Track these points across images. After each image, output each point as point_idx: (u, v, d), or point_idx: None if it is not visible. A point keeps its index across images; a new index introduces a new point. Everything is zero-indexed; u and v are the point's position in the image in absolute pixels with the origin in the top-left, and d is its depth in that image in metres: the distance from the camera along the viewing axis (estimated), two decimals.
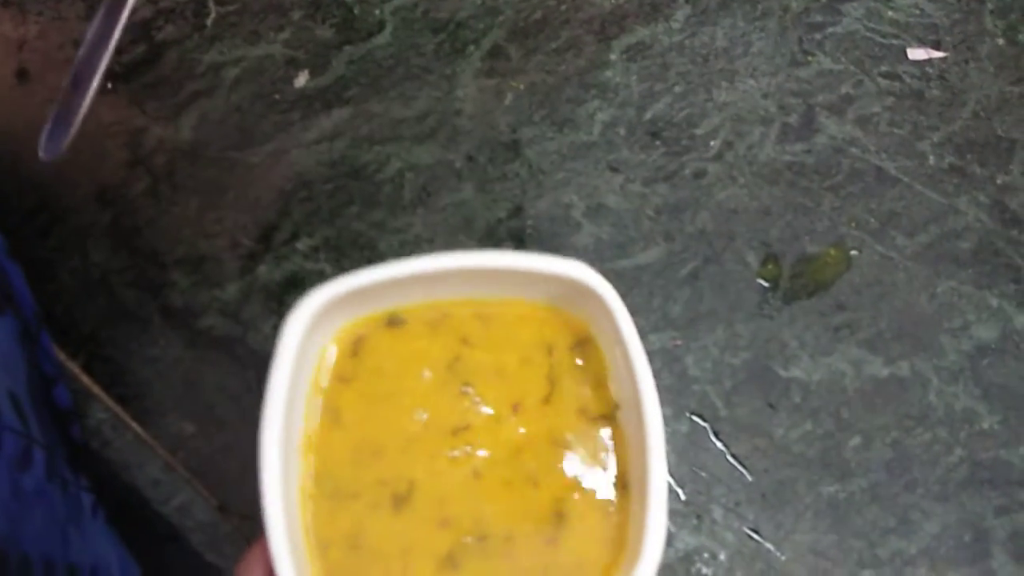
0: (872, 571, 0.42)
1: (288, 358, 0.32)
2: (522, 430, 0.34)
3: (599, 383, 0.35)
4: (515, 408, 0.35)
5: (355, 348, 0.35)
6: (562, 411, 0.35)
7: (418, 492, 0.33)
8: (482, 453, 0.34)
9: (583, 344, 0.35)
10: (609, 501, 0.33)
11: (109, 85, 0.53)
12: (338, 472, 0.33)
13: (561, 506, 0.33)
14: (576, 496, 0.33)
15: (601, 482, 0.34)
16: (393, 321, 0.36)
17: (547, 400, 0.35)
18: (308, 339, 0.33)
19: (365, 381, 0.35)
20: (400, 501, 0.33)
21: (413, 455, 0.34)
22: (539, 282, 0.35)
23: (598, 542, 0.33)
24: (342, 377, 0.35)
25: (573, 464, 0.34)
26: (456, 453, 0.34)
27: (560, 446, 0.34)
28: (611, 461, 0.34)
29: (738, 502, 0.43)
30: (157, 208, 0.49)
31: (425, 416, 0.35)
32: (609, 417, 0.34)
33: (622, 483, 0.33)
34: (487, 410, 0.35)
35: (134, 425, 0.43)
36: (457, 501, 0.33)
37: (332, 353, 0.35)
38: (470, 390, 0.35)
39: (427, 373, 0.35)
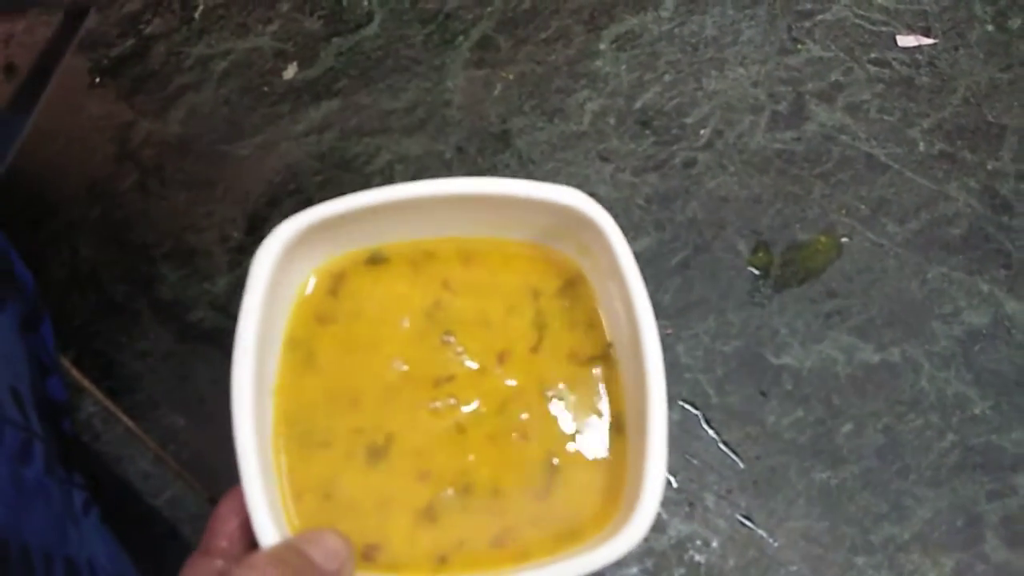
0: (865, 557, 0.42)
1: (259, 292, 0.30)
2: (510, 382, 0.33)
3: (590, 324, 0.33)
4: (501, 358, 0.33)
5: (335, 286, 0.34)
6: (552, 359, 0.33)
7: (396, 445, 0.32)
8: (467, 409, 0.33)
9: (572, 285, 0.34)
10: (603, 447, 0.32)
11: (97, 80, 0.52)
12: (310, 417, 0.32)
13: (551, 456, 0.32)
14: (569, 446, 0.32)
15: (596, 428, 0.32)
16: (375, 258, 0.35)
17: (535, 349, 0.33)
18: (283, 273, 0.31)
19: (343, 325, 0.33)
20: (376, 453, 0.32)
21: (392, 406, 0.32)
22: (528, 215, 0.33)
23: (590, 490, 0.31)
24: (320, 317, 0.33)
25: (565, 413, 0.32)
26: (438, 405, 0.33)
27: (551, 394, 0.33)
28: (605, 404, 0.32)
29: (730, 489, 0.43)
30: (146, 202, 0.49)
31: (405, 367, 0.33)
32: (602, 357, 0.33)
33: (617, 425, 0.32)
34: (471, 363, 0.33)
35: (124, 418, 0.43)
36: (438, 454, 0.32)
37: (311, 287, 0.33)
38: (452, 339, 0.34)
39: (406, 322, 0.34)
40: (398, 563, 0.30)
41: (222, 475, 0.42)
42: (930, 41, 0.55)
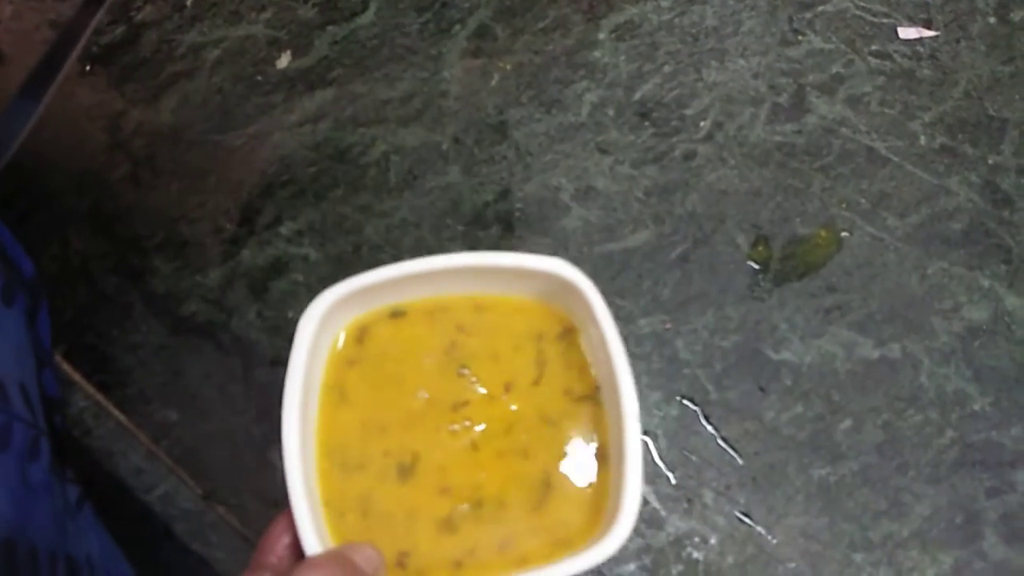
0: (864, 554, 0.41)
1: (303, 352, 0.36)
2: (514, 407, 0.38)
3: (582, 367, 0.38)
4: (507, 388, 0.38)
5: (360, 335, 0.39)
6: (550, 392, 0.38)
7: (421, 463, 0.37)
8: (479, 428, 0.37)
9: (568, 333, 0.39)
10: (590, 472, 0.36)
11: (88, 67, 0.51)
12: (347, 446, 0.37)
13: (548, 475, 0.37)
14: (561, 467, 0.37)
15: (584, 455, 0.37)
16: (395, 313, 0.40)
17: (536, 382, 0.38)
18: (319, 334, 0.37)
19: (370, 365, 0.38)
20: (405, 471, 0.37)
21: (416, 429, 0.37)
22: (527, 278, 0.39)
23: (580, 507, 0.36)
24: (348, 361, 0.38)
25: (559, 439, 0.37)
26: (456, 427, 0.37)
27: (548, 423, 0.38)
28: (593, 436, 0.37)
29: (729, 485, 0.43)
30: (138, 193, 0.48)
31: (426, 395, 0.38)
32: (591, 398, 0.38)
33: (602, 455, 0.37)
34: (482, 389, 0.38)
35: (116, 413, 0.42)
36: (456, 471, 0.37)
37: (341, 341, 0.39)
38: (467, 371, 0.39)
39: (427, 359, 0.39)
40: (424, 568, 0.35)
41: (215, 470, 0.42)
42: (932, 33, 0.55)
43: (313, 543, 0.33)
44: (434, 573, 0.35)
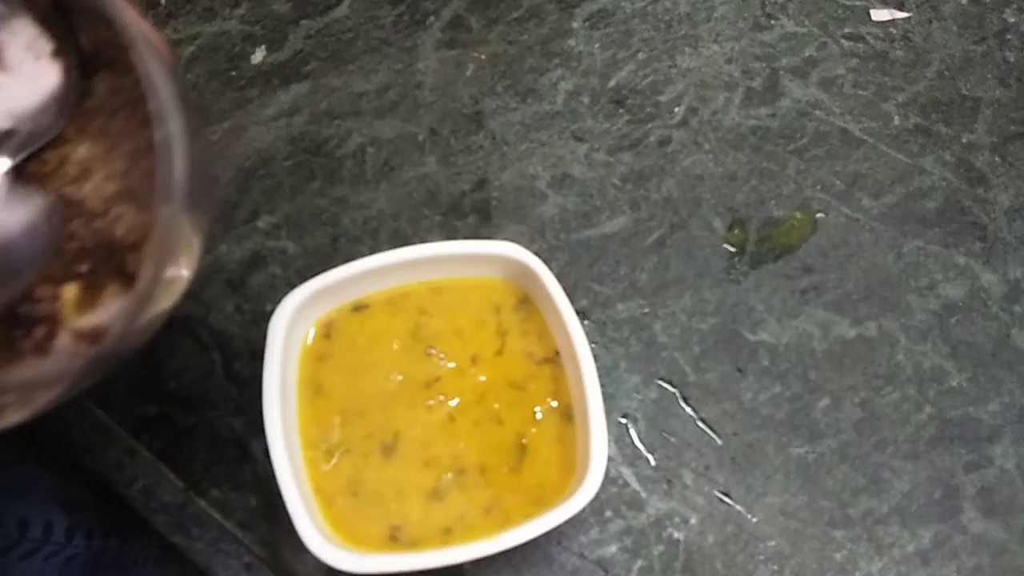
0: (843, 531, 0.42)
1: (276, 351, 0.38)
2: (482, 378, 0.40)
3: (541, 333, 0.41)
4: (474, 360, 0.41)
5: (327, 331, 0.41)
6: (513, 359, 0.41)
7: (403, 439, 0.39)
8: (453, 402, 0.40)
9: (524, 303, 0.42)
10: (559, 431, 0.39)
11: None
12: (329, 434, 0.39)
13: (521, 438, 0.39)
14: (532, 429, 0.40)
15: (551, 415, 0.40)
16: (358, 307, 0.42)
17: (500, 351, 0.41)
18: (289, 335, 0.39)
19: (340, 358, 0.41)
20: (388, 449, 0.39)
21: (394, 409, 0.40)
22: (483, 262, 0.42)
23: (553, 465, 0.39)
24: (319, 356, 0.41)
25: (528, 402, 0.40)
26: (431, 402, 0.40)
27: (515, 387, 0.40)
28: (557, 397, 0.40)
29: (708, 466, 0.43)
30: None
31: (399, 377, 0.40)
32: (551, 360, 0.41)
33: (567, 415, 0.40)
34: (451, 364, 0.41)
35: (95, 409, 0.42)
36: (437, 443, 0.39)
37: (311, 337, 0.41)
38: (434, 351, 0.41)
39: (395, 343, 0.41)
40: (416, 539, 0.37)
41: (196, 463, 0.42)
42: (904, 15, 0.55)
43: (309, 530, 0.35)
44: (426, 542, 0.37)
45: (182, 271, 0.32)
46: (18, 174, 0.34)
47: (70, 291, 0.33)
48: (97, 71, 0.35)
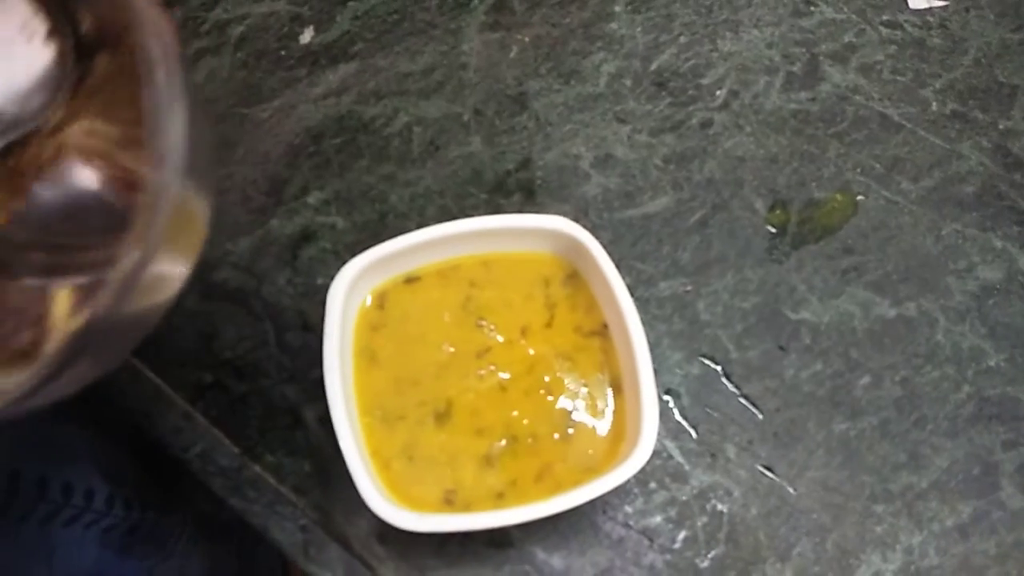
0: (884, 505, 0.42)
1: (335, 319, 0.39)
2: (532, 351, 0.41)
3: (589, 307, 0.42)
4: (523, 332, 0.42)
5: (381, 302, 0.42)
6: (562, 331, 0.42)
7: (455, 408, 0.40)
8: (504, 374, 0.41)
9: (572, 277, 0.43)
10: (608, 401, 0.41)
11: None
12: (384, 401, 0.40)
13: (571, 408, 0.41)
14: (582, 399, 0.41)
15: (600, 386, 0.41)
16: (410, 279, 0.43)
17: (549, 324, 0.42)
18: (346, 305, 0.40)
19: (393, 328, 0.42)
20: (441, 417, 0.40)
21: (446, 379, 0.41)
22: (533, 236, 0.43)
23: (602, 434, 0.40)
24: (373, 326, 0.42)
25: (577, 373, 0.41)
26: (482, 372, 0.41)
27: (565, 359, 0.41)
28: (606, 369, 0.41)
29: (751, 440, 0.44)
30: None
31: (451, 348, 0.41)
32: (600, 333, 0.42)
33: (616, 386, 0.41)
34: (500, 337, 0.42)
35: (152, 375, 0.43)
36: (488, 411, 0.40)
37: (368, 302, 0.42)
38: (484, 323, 0.42)
39: (446, 315, 0.42)
40: (470, 502, 0.39)
41: (250, 429, 0.43)
42: (941, 3, 0.56)
43: (369, 489, 0.36)
44: (479, 505, 0.38)
45: (177, 261, 0.30)
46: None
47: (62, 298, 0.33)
48: (98, 51, 0.34)
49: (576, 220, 0.48)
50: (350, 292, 0.40)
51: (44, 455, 0.50)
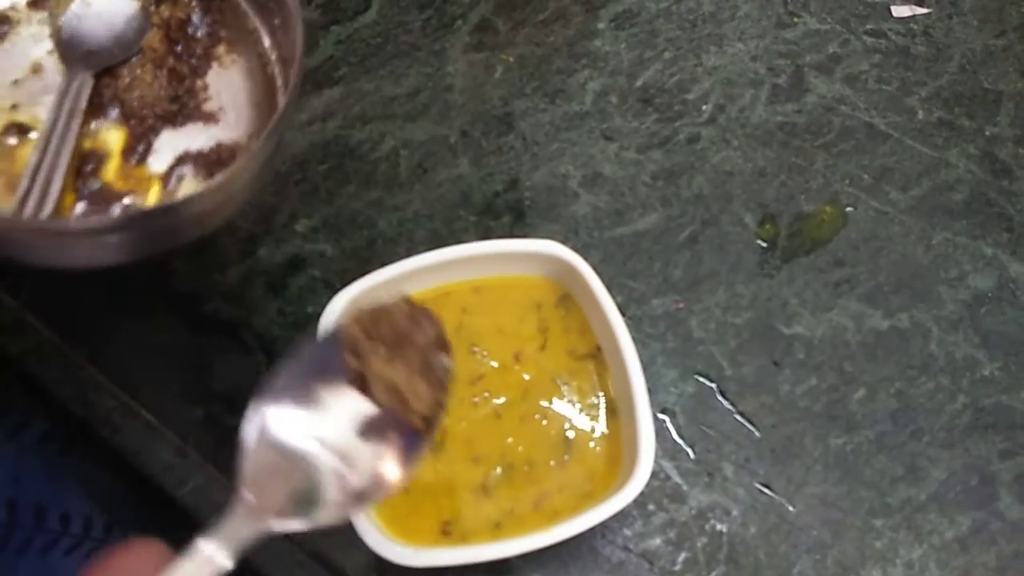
0: (883, 519, 0.42)
1: None
2: (526, 375, 0.41)
3: (582, 329, 0.42)
4: (517, 358, 0.41)
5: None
6: (555, 355, 0.42)
7: (450, 436, 0.40)
8: (498, 399, 0.40)
9: (564, 299, 0.43)
10: (603, 424, 0.40)
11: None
12: None
13: (567, 432, 0.40)
14: (577, 423, 0.40)
15: (595, 410, 0.41)
16: None
17: (542, 347, 0.42)
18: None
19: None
20: (436, 446, 0.39)
21: None
22: (523, 260, 0.42)
23: (599, 459, 0.40)
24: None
25: (571, 397, 0.41)
26: (476, 400, 0.40)
27: (559, 383, 0.41)
28: (600, 392, 0.41)
29: (748, 458, 0.43)
30: None
31: None
32: (593, 356, 0.41)
33: (611, 409, 0.40)
34: (494, 363, 0.41)
35: (143, 412, 0.43)
36: (483, 439, 0.40)
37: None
38: (477, 349, 0.42)
39: None
40: (467, 533, 0.38)
41: None
42: (924, 11, 0.56)
43: (365, 526, 0.35)
44: (477, 535, 0.38)
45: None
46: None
47: None
48: None
49: (566, 240, 0.48)
50: (341, 320, 0.40)
51: (40, 485, 0.50)
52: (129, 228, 0.33)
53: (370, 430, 0.31)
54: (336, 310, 0.39)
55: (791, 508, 0.43)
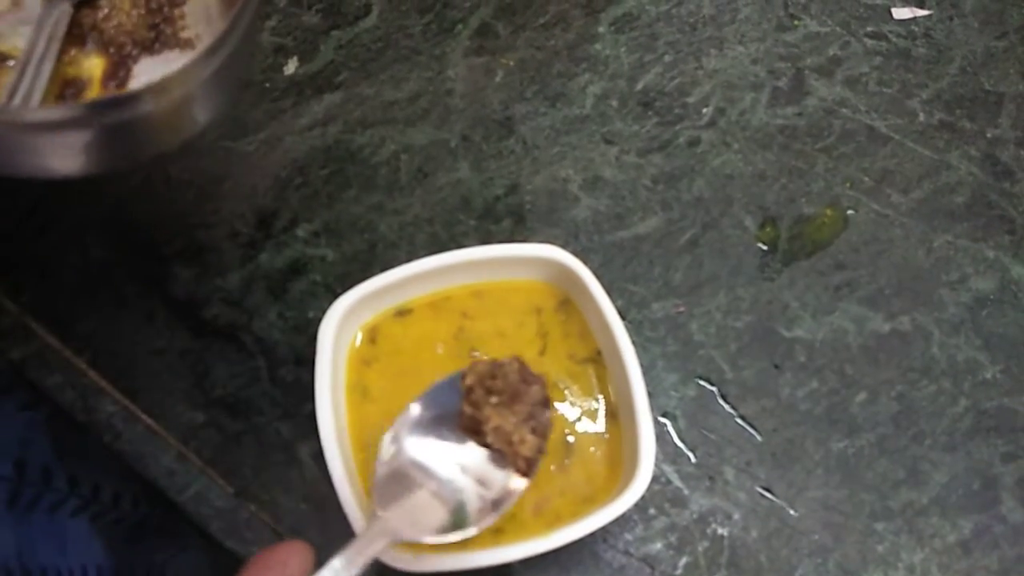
0: (885, 523, 0.42)
1: (326, 355, 0.39)
2: None
3: (582, 334, 0.42)
4: None
5: (372, 336, 0.42)
6: (555, 359, 0.42)
7: None
8: None
9: (564, 304, 0.43)
10: (603, 429, 0.40)
11: None
12: (378, 436, 0.38)
13: (567, 437, 0.40)
14: (578, 427, 0.40)
15: (595, 414, 0.41)
16: (401, 311, 0.43)
17: (542, 352, 0.42)
18: (337, 340, 0.40)
19: (385, 362, 0.42)
20: None
21: None
22: (524, 265, 0.42)
23: (599, 462, 0.40)
24: (365, 361, 0.41)
25: (572, 401, 0.41)
26: None
27: (559, 388, 0.41)
28: (600, 396, 0.41)
29: (749, 462, 0.43)
30: (154, 201, 0.49)
31: None
32: (594, 360, 0.41)
33: (611, 413, 0.41)
34: None
35: (144, 417, 0.43)
36: None
37: (358, 340, 0.42)
38: (477, 353, 0.42)
39: (439, 347, 0.42)
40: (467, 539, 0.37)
41: (245, 468, 0.43)
42: (924, 12, 0.56)
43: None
44: (477, 542, 0.37)
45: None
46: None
47: None
48: None
49: (566, 244, 0.48)
50: (340, 328, 0.40)
51: (50, 450, 0.50)
52: (83, 122, 0.32)
53: (495, 461, 0.37)
54: (334, 317, 0.40)
55: (792, 512, 0.42)
